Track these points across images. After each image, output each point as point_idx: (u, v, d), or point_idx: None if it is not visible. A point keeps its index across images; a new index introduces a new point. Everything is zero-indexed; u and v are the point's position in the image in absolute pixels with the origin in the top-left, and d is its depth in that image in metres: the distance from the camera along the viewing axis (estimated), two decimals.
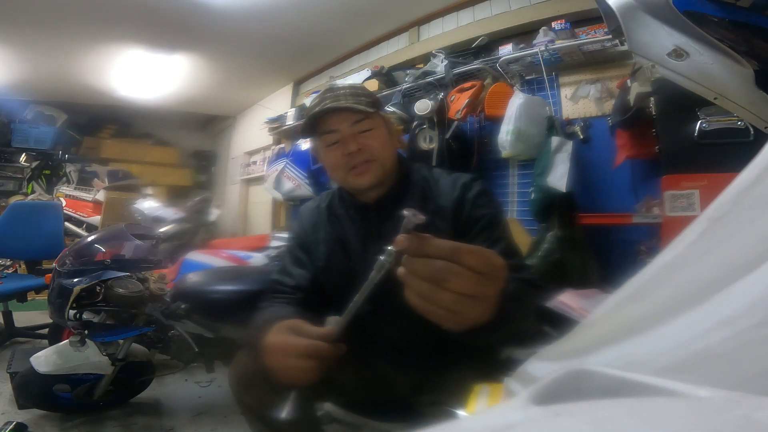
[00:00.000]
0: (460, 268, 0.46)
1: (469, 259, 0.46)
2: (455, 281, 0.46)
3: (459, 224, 0.89)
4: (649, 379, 0.22)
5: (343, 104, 0.88)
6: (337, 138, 0.90)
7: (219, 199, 4.92)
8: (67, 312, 1.50)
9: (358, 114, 0.88)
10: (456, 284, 0.46)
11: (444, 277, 0.46)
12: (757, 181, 0.31)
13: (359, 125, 0.89)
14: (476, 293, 0.47)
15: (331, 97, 0.91)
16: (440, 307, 0.47)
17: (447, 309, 0.47)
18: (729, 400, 0.20)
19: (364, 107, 0.88)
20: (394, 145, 0.97)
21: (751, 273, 0.29)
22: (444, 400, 0.61)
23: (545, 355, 0.45)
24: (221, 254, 2.07)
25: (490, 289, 0.49)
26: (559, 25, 2.03)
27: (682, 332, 0.31)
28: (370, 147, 0.90)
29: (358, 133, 0.90)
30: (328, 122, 0.90)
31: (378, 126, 0.92)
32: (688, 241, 0.34)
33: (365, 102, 0.90)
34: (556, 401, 0.21)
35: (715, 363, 0.29)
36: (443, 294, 0.46)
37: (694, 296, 0.31)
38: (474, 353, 0.75)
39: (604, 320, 0.41)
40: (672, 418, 0.18)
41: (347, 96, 0.90)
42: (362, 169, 0.90)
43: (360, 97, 0.91)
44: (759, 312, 0.27)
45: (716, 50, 0.92)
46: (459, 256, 0.46)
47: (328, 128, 0.90)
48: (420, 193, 0.95)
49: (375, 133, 0.91)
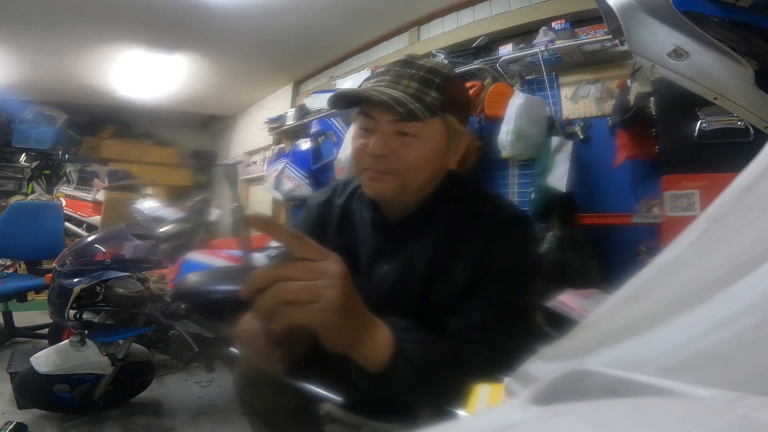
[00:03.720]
0: (291, 260, 0.48)
1: (301, 249, 0.48)
2: (292, 269, 0.47)
3: (475, 274, 0.73)
4: (649, 379, 0.22)
5: (382, 97, 0.68)
6: (372, 126, 0.73)
7: (219, 199, 4.92)
8: (67, 312, 1.51)
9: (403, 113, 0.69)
10: (295, 271, 0.47)
11: (282, 270, 0.47)
12: (757, 181, 0.31)
13: (401, 125, 0.71)
14: (317, 275, 0.48)
15: (391, 77, 0.72)
16: (293, 303, 0.47)
17: (300, 301, 0.47)
18: (729, 400, 0.20)
19: (417, 107, 0.68)
20: (442, 163, 0.77)
21: (751, 273, 0.29)
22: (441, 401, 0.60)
23: (545, 355, 0.44)
24: (221, 254, 2.07)
25: (329, 267, 0.49)
26: (559, 25, 2.03)
27: (682, 332, 0.31)
28: (401, 158, 0.72)
29: (396, 134, 0.72)
30: (368, 103, 0.73)
31: (429, 134, 0.72)
32: (688, 241, 0.34)
33: (430, 99, 0.70)
34: (556, 401, 0.21)
35: (715, 363, 0.29)
36: (288, 286, 0.47)
37: (694, 296, 0.31)
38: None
39: (604, 320, 0.41)
40: (672, 418, 0.18)
41: (413, 81, 0.71)
42: (376, 176, 0.74)
43: (430, 89, 0.71)
44: (759, 312, 0.27)
45: (716, 50, 0.92)
46: (294, 245, 0.48)
47: (365, 110, 0.74)
48: (451, 224, 0.77)
49: (418, 142, 0.71)
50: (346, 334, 0.52)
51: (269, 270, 0.47)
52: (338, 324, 0.49)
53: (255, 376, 0.84)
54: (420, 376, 0.58)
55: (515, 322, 0.70)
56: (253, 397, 0.86)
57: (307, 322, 0.48)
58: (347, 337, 0.53)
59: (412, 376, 0.57)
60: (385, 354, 0.56)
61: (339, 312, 0.48)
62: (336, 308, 0.48)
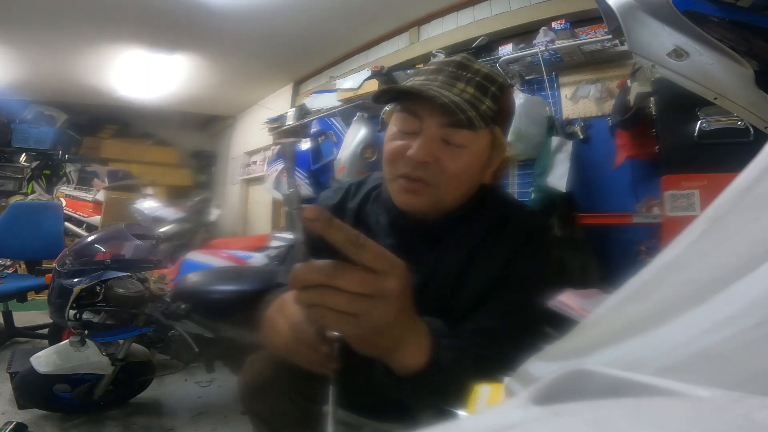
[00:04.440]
0: (349, 266, 0.42)
1: (361, 256, 0.42)
2: (345, 278, 0.42)
3: (495, 282, 0.70)
4: (649, 379, 0.22)
5: (443, 99, 0.62)
6: (415, 128, 0.66)
7: (219, 199, 4.92)
8: (67, 312, 1.51)
9: (460, 120, 0.63)
10: (346, 282, 0.42)
11: (334, 275, 0.42)
12: (757, 181, 0.31)
13: (450, 133, 0.65)
14: (371, 291, 0.43)
15: (445, 78, 0.66)
16: (335, 310, 0.42)
17: (343, 311, 0.42)
18: (729, 400, 0.20)
19: (474, 115, 0.63)
20: (480, 177, 0.72)
21: (751, 273, 0.29)
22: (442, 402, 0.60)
23: (545, 355, 0.44)
24: (221, 254, 2.07)
25: (387, 284, 0.44)
26: (559, 25, 2.03)
27: (682, 332, 0.31)
28: (444, 168, 0.66)
29: (442, 142, 0.66)
30: (417, 102, 0.66)
31: (475, 146, 0.67)
32: (688, 241, 0.34)
33: (485, 108, 0.65)
34: (556, 401, 0.21)
35: (715, 363, 0.29)
36: (335, 296, 0.42)
37: (694, 296, 0.31)
38: None
39: (604, 320, 0.41)
40: (672, 418, 0.18)
41: (470, 86, 0.66)
42: (411, 186, 0.68)
43: (485, 96, 0.66)
44: (759, 312, 0.27)
45: (716, 50, 0.92)
46: (352, 252, 0.42)
47: (411, 108, 0.67)
48: (474, 232, 0.74)
49: (464, 153, 0.66)
50: (383, 348, 0.49)
51: (321, 270, 0.42)
52: (376, 342, 0.46)
53: (260, 382, 0.82)
54: (449, 383, 0.55)
55: (528, 332, 0.67)
56: (258, 403, 0.84)
57: (343, 332, 0.45)
58: (383, 350, 0.50)
59: (442, 384, 0.54)
60: (420, 361, 0.53)
61: (381, 332, 0.45)
62: (379, 329, 0.44)
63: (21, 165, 4.81)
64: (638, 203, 1.74)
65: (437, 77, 0.67)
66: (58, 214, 2.85)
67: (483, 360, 0.62)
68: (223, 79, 4.15)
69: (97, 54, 3.56)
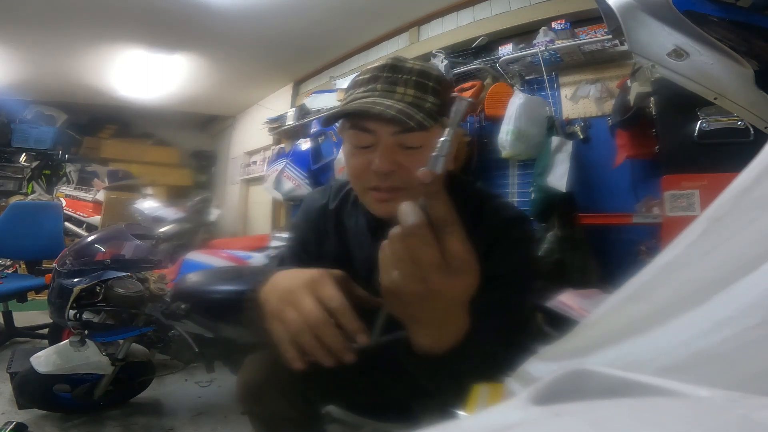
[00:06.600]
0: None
1: (452, 232, 0.44)
2: (449, 240, 0.43)
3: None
4: (649, 379, 0.22)
5: (390, 111, 0.63)
6: (370, 142, 0.67)
7: (219, 199, 4.92)
8: (67, 312, 1.50)
9: (410, 125, 0.64)
10: (449, 244, 0.43)
11: (439, 230, 0.43)
12: (757, 181, 0.31)
13: (404, 137, 0.66)
14: (465, 259, 0.43)
15: (383, 86, 0.67)
16: (422, 268, 0.43)
17: (431, 263, 0.42)
18: (729, 400, 0.20)
19: (421, 117, 0.64)
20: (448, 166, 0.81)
21: (751, 273, 0.29)
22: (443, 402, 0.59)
23: (545, 355, 0.44)
24: (221, 254, 2.07)
25: (473, 263, 0.44)
26: (559, 25, 2.03)
27: (682, 332, 0.31)
28: (409, 171, 0.66)
29: (399, 148, 0.67)
30: (365, 118, 0.67)
31: (432, 142, 0.69)
32: (688, 241, 0.34)
33: (429, 105, 0.66)
34: (556, 401, 0.21)
35: (715, 363, 0.29)
36: (429, 250, 0.42)
37: (694, 296, 0.31)
38: None
39: (604, 320, 0.41)
40: (672, 418, 0.18)
41: (409, 87, 0.66)
42: (386, 196, 0.69)
43: (426, 94, 0.67)
44: (759, 312, 0.27)
45: (716, 50, 0.92)
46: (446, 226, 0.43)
47: (361, 124, 0.68)
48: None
49: (424, 152, 0.66)
50: (431, 316, 0.48)
51: (427, 226, 0.43)
52: (433, 306, 0.46)
53: (258, 382, 0.82)
54: (467, 371, 0.54)
55: (513, 326, 0.66)
56: (256, 404, 0.84)
57: (414, 282, 0.44)
58: (431, 319, 0.49)
59: (462, 370, 0.53)
60: (449, 341, 0.51)
61: (441, 299, 0.45)
62: (445, 296, 0.45)
63: (21, 165, 4.81)
64: (638, 203, 1.74)
65: (376, 86, 0.68)
66: (58, 214, 2.85)
67: (503, 357, 0.61)
68: (223, 79, 4.15)
69: (97, 54, 3.56)
